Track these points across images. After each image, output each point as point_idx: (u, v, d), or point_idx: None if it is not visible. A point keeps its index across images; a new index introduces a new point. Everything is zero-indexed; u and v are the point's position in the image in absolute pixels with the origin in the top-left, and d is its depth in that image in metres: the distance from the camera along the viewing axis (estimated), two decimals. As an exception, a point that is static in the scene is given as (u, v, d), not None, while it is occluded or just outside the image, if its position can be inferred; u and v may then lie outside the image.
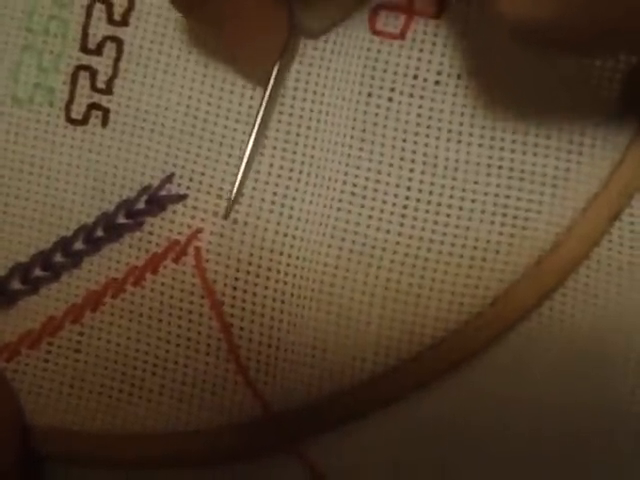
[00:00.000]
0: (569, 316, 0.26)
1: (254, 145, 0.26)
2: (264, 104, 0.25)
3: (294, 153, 0.26)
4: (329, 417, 0.26)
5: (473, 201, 0.25)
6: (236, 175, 0.26)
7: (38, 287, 0.27)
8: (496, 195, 0.25)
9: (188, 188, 0.27)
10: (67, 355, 0.27)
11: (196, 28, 0.26)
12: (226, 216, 0.26)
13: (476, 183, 0.25)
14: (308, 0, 0.25)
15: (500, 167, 0.25)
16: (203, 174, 0.26)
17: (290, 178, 0.26)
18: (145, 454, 0.27)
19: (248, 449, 0.26)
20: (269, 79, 0.25)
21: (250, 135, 0.26)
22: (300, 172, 0.26)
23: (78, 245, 0.27)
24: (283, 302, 0.26)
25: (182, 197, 0.26)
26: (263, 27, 0.24)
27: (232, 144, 0.26)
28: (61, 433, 0.27)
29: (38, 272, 0.27)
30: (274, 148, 0.26)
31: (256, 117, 0.26)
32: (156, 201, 0.26)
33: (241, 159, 0.26)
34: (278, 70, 0.25)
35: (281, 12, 0.24)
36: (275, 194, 0.26)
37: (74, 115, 0.27)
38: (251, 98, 0.27)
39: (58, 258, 0.27)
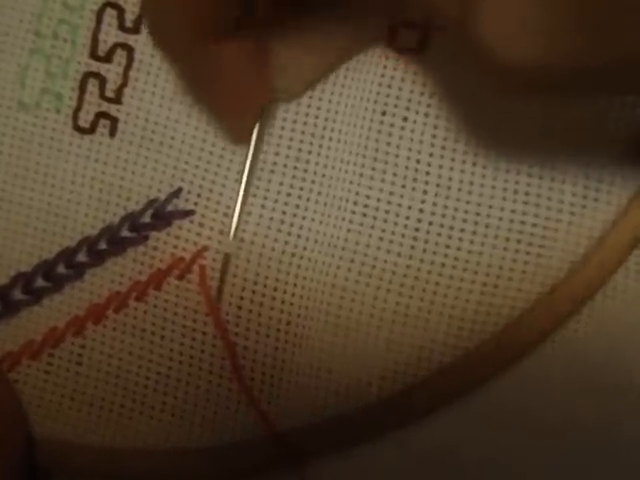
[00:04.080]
0: (582, 344, 0.25)
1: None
2: (247, 165, 0.25)
3: (305, 172, 0.26)
4: (333, 439, 0.25)
5: (487, 226, 0.25)
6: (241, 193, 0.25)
7: (40, 297, 0.27)
8: (511, 221, 0.25)
9: (195, 204, 0.26)
10: (68, 367, 0.27)
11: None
12: (232, 235, 0.26)
13: (491, 207, 0.25)
14: (283, 64, 0.24)
15: (516, 192, 0.25)
16: (211, 190, 0.26)
17: (300, 197, 0.26)
18: (145, 470, 0.26)
19: (249, 468, 0.26)
20: (250, 140, 0.25)
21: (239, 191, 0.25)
22: (310, 191, 0.26)
23: (81, 257, 0.26)
24: (289, 323, 0.26)
25: (189, 213, 0.26)
26: (245, 89, 0.24)
27: (242, 161, 0.26)
28: (60, 445, 0.27)
29: (40, 282, 0.27)
30: (285, 166, 0.26)
31: (242, 177, 0.25)
32: (162, 216, 0.26)
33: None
34: (258, 131, 0.25)
35: (263, 74, 0.24)
36: (284, 213, 0.26)
37: (82, 123, 0.27)
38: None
39: (61, 269, 0.27)
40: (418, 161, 0.25)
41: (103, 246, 0.26)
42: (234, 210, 0.25)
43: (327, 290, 0.25)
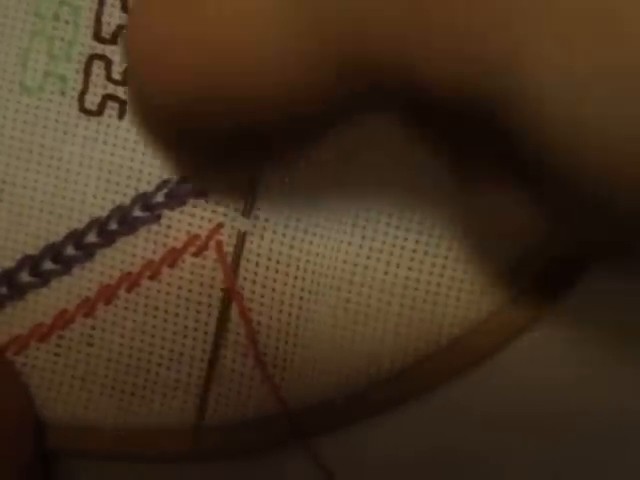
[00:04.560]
0: (578, 315, 0.26)
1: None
2: None
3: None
4: (344, 415, 0.26)
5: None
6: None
7: (49, 280, 0.27)
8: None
9: (211, 184, 0.26)
10: (79, 349, 0.27)
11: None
12: (246, 213, 0.26)
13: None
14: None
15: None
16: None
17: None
18: (158, 449, 0.26)
19: (261, 444, 0.27)
20: None
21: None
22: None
23: (91, 238, 0.27)
24: (301, 298, 0.26)
25: (203, 192, 0.26)
26: None
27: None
28: (72, 428, 0.27)
29: (48, 265, 0.27)
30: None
31: None
32: (176, 195, 0.26)
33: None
34: None
35: None
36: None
37: (88, 105, 0.27)
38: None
39: (69, 251, 0.27)
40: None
41: (114, 226, 0.26)
42: (249, 188, 0.26)
43: (339, 266, 0.26)
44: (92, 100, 0.27)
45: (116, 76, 0.27)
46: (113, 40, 0.27)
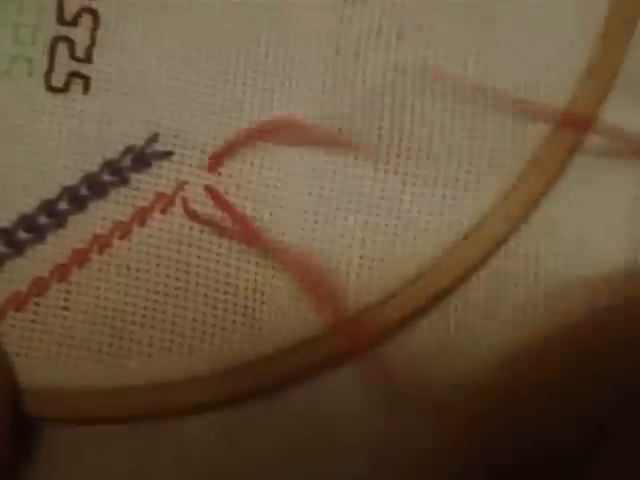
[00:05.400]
0: (533, 250, 0.28)
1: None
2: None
3: (271, 109, 0.28)
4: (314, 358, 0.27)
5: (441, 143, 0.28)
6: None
7: (23, 249, 0.28)
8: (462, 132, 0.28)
9: (174, 145, 0.28)
10: (55, 314, 0.27)
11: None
12: (210, 169, 0.27)
13: (444, 129, 0.28)
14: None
15: (463, 113, 0.28)
16: (187, 132, 0.28)
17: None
18: (139, 406, 0.27)
19: (237, 394, 0.27)
20: None
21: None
22: (279, 128, 0.28)
23: (62, 205, 0.28)
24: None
25: (167, 154, 0.28)
26: None
27: (213, 101, 0.28)
28: (51, 392, 0.27)
29: (22, 235, 0.28)
30: (251, 105, 0.28)
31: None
32: (141, 158, 0.28)
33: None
34: None
35: None
36: (256, 147, 0.28)
37: (55, 83, 0.28)
38: (227, 58, 0.28)
39: (42, 220, 0.28)
40: (372, 91, 0.28)
41: (84, 192, 0.28)
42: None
43: (301, 216, 0.28)
44: (58, 78, 0.28)
45: (80, 54, 0.28)
46: (75, 22, 0.29)
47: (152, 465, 0.28)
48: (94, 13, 0.29)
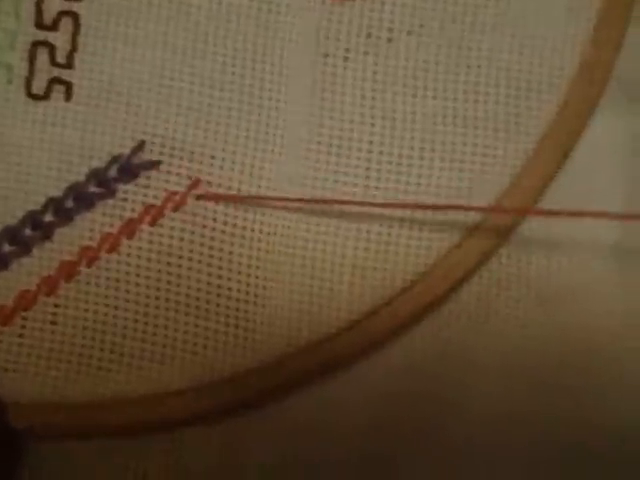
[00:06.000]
0: (526, 257, 0.28)
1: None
2: None
3: (259, 115, 0.27)
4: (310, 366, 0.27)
5: (432, 150, 0.27)
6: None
7: (8, 262, 0.27)
8: (453, 144, 0.27)
9: (161, 154, 0.27)
10: (43, 328, 0.27)
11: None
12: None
13: (434, 134, 0.27)
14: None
15: (455, 117, 0.27)
16: (174, 139, 0.27)
17: (257, 140, 0.27)
18: (126, 419, 0.27)
19: (228, 406, 0.27)
20: None
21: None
22: (266, 134, 0.27)
23: (48, 217, 0.27)
24: (259, 259, 0.27)
25: (155, 163, 0.27)
26: None
27: (200, 108, 0.27)
28: (38, 406, 0.27)
29: (6, 248, 0.27)
30: (239, 111, 0.27)
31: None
32: (128, 169, 0.27)
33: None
34: None
35: None
36: (245, 155, 0.27)
37: (35, 90, 0.27)
38: (214, 63, 0.27)
39: (27, 232, 0.27)
40: (363, 97, 0.27)
41: (70, 204, 0.27)
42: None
43: (292, 225, 0.27)
44: (38, 85, 0.28)
45: (60, 60, 0.28)
46: (54, 27, 0.28)
47: (143, 478, 0.27)
48: (74, 16, 0.28)
